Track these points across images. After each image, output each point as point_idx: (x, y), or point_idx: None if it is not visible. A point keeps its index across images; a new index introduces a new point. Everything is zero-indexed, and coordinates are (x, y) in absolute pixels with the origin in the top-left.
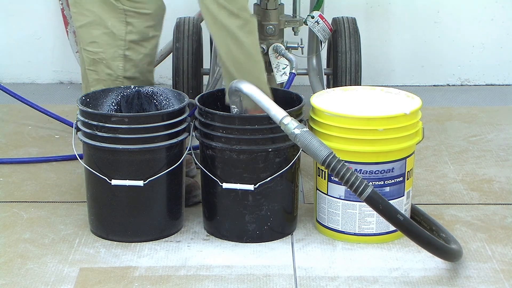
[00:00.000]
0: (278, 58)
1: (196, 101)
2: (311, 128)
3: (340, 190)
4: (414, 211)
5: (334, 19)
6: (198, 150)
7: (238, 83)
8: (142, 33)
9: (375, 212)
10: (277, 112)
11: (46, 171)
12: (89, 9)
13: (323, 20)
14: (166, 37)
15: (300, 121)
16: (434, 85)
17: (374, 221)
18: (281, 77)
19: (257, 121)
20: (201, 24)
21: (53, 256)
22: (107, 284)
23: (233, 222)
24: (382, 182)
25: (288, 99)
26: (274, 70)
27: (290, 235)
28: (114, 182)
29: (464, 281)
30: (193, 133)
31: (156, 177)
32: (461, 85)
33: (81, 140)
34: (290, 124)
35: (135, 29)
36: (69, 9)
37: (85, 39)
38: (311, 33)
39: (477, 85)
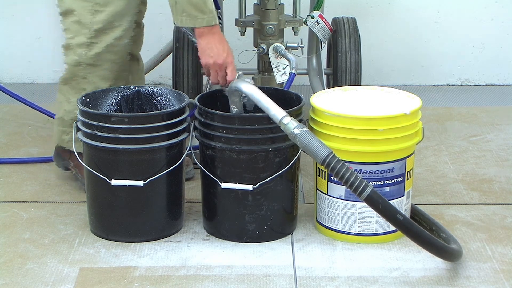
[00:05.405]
0: (278, 58)
1: (196, 101)
2: (311, 128)
3: (340, 190)
4: (414, 211)
5: (334, 19)
6: (198, 150)
7: (237, 83)
8: (107, 22)
9: (375, 212)
10: (276, 112)
11: (46, 171)
12: None
13: (323, 20)
14: (166, 37)
15: (300, 121)
16: (434, 85)
17: (374, 221)
18: (281, 77)
19: (257, 121)
20: None
21: (53, 256)
22: (107, 284)
23: (233, 222)
24: (382, 182)
25: (288, 99)
26: (274, 70)
27: (290, 235)
28: (114, 182)
29: (464, 281)
30: (193, 133)
31: (156, 177)
32: (461, 85)
33: (81, 140)
34: (290, 124)
35: (100, 18)
36: None
37: (63, 27)
38: (311, 33)
39: (477, 85)
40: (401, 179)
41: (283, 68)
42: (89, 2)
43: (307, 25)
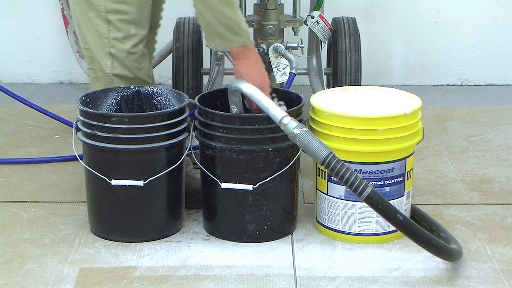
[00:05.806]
0: (278, 58)
1: (196, 101)
2: (311, 128)
3: (340, 190)
4: (414, 211)
5: (334, 19)
6: (198, 150)
7: (238, 83)
8: (123, 31)
9: (375, 212)
10: (276, 112)
11: (46, 171)
12: (77, 9)
13: (323, 20)
14: (166, 37)
15: (300, 121)
16: (434, 85)
17: (374, 221)
18: (281, 77)
19: (257, 121)
20: None
21: (53, 256)
22: (107, 284)
23: (233, 222)
24: (382, 182)
25: (288, 99)
26: (274, 70)
27: (290, 235)
28: (114, 182)
29: (464, 281)
30: (193, 133)
31: (156, 177)
32: (461, 85)
33: (81, 140)
34: (290, 124)
35: (115, 26)
36: (69, 9)
37: (81, 39)
38: (311, 33)
39: (477, 85)
40: (401, 179)
41: (283, 68)
42: (102, 11)
43: (307, 25)
